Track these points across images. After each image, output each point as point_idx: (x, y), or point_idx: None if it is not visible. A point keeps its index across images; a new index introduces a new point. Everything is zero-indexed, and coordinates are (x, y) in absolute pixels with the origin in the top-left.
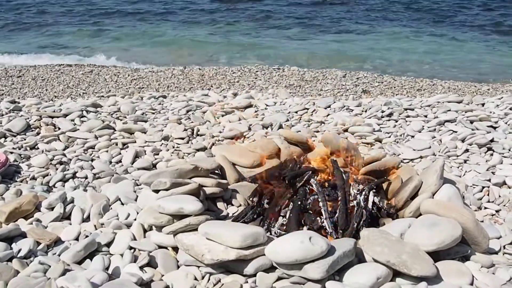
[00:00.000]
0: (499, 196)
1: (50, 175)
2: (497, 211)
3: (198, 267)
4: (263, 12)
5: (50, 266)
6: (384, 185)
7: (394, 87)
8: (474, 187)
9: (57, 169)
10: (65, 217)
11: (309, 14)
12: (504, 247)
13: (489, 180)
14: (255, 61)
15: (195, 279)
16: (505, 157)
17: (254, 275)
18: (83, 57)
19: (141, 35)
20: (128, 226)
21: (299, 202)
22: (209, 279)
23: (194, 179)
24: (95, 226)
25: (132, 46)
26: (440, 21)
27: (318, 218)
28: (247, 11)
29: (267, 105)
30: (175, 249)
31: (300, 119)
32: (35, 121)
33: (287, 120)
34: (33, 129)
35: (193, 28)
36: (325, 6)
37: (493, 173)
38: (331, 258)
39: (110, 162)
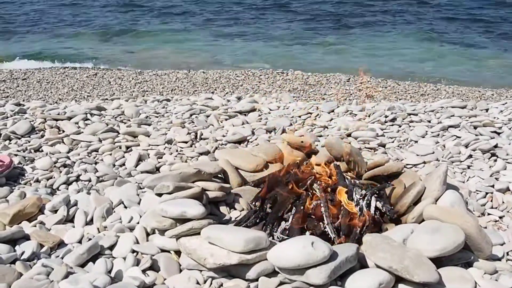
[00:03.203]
0: (503, 202)
1: (54, 177)
2: (500, 217)
3: (201, 271)
4: None
5: (53, 269)
6: (387, 190)
7: (398, 92)
8: (477, 193)
9: (61, 171)
10: (69, 219)
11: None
12: (507, 253)
13: (493, 186)
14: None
15: (197, 283)
16: (508, 163)
17: (256, 279)
18: None
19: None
20: (131, 229)
21: (302, 207)
22: (211, 283)
23: (197, 183)
24: (98, 229)
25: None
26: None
27: (320, 223)
28: None
29: (270, 109)
30: (178, 252)
31: (304, 124)
32: (39, 123)
33: (291, 125)
34: (37, 131)
35: None
36: None
37: (496, 179)
38: (333, 263)
39: (114, 165)
